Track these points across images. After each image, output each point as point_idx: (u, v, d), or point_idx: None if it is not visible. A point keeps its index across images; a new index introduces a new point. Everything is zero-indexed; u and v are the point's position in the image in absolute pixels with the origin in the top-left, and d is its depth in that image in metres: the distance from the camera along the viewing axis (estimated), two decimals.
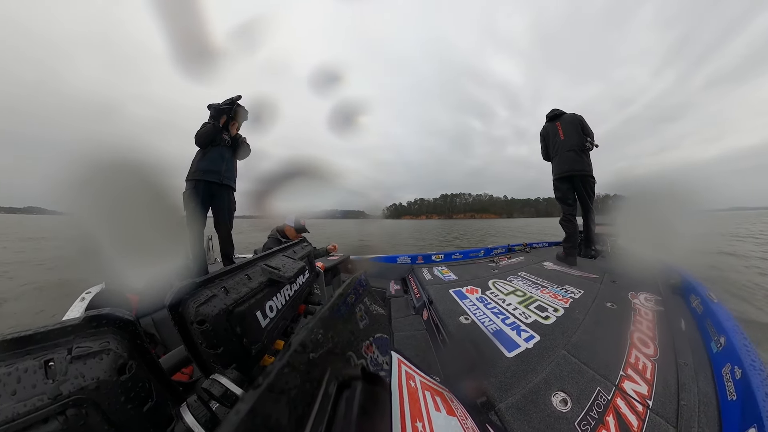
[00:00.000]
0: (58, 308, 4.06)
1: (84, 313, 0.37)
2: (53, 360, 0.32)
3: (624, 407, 0.98)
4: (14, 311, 4.65)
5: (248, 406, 0.27)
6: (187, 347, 0.49)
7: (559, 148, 3.27)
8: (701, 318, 1.53)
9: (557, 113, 3.41)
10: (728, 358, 1.11)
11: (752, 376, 0.94)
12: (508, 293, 2.14)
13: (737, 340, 1.15)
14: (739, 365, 1.02)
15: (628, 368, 1.16)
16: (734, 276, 5.54)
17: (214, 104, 2.51)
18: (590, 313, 1.70)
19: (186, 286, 0.48)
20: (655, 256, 0.92)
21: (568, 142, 3.22)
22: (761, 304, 4.01)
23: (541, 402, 1.01)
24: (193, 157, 2.45)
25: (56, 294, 5.06)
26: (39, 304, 4.77)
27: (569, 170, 3.17)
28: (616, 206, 0.89)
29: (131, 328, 0.39)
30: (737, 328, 1.25)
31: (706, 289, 1.70)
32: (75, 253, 0.38)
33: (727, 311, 1.41)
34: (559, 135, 3.28)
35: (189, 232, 2.11)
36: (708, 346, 1.32)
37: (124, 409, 0.34)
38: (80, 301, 1.65)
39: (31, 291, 5.65)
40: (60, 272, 6.47)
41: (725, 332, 1.24)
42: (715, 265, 6.32)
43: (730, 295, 4.30)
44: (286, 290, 0.74)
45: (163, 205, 0.46)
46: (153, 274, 0.49)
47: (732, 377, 1.03)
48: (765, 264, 7.05)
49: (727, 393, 1.00)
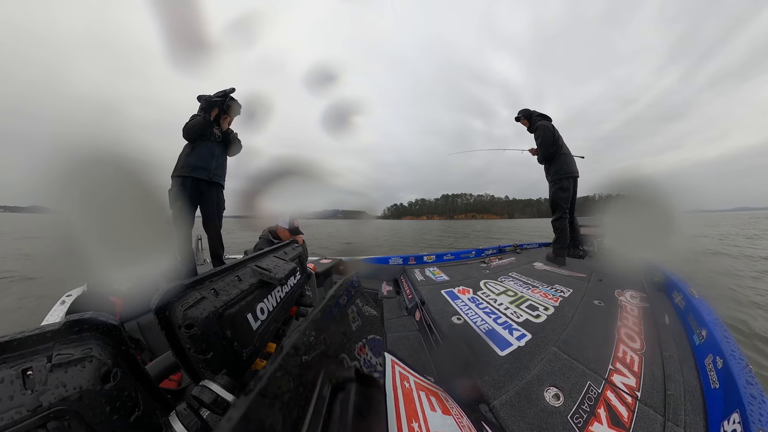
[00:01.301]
0: (36, 310, 3.88)
1: (64, 318, 0.35)
2: (32, 369, 0.30)
3: (614, 399, 1.00)
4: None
5: (240, 412, 0.26)
6: (175, 353, 0.47)
7: (565, 148, 3.32)
8: (684, 313, 1.59)
9: (548, 117, 3.49)
10: (710, 349, 1.16)
11: (733, 365, 0.98)
12: (500, 293, 2.17)
13: (718, 332, 1.21)
14: (721, 355, 1.07)
15: (617, 362, 1.20)
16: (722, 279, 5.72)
17: (204, 95, 2.37)
18: (579, 311, 1.74)
19: (173, 288, 0.47)
20: (641, 255, 0.94)
21: (566, 146, 3.32)
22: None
23: (534, 398, 1.03)
24: (180, 152, 2.30)
25: (35, 293, 4.84)
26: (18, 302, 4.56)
27: (576, 172, 3.27)
28: (606, 206, 0.91)
29: (115, 334, 0.37)
30: (718, 321, 1.30)
31: (688, 285, 1.76)
32: (56, 252, 0.36)
33: (708, 306, 1.47)
34: (560, 136, 3.36)
35: (176, 232, 2.03)
36: (691, 338, 1.37)
37: (109, 419, 0.33)
38: (60, 304, 1.57)
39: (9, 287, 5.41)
40: (39, 271, 6.20)
41: (706, 325, 1.29)
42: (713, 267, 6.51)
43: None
44: (277, 292, 0.73)
45: (150, 203, 0.44)
46: (138, 276, 0.47)
47: (714, 367, 1.07)
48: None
49: (710, 381, 1.04)
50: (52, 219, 0.36)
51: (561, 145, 3.32)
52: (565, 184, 3.24)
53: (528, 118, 3.58)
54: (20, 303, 4.54)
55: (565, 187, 3.24)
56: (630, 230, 0.88)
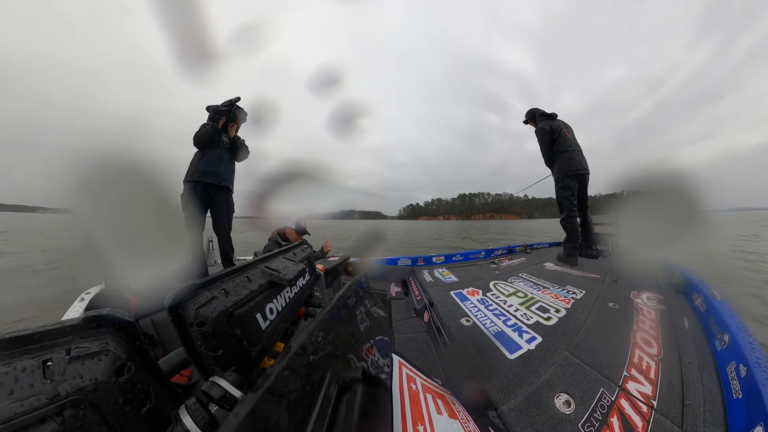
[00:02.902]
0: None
1: (83, 314, 0.36)
2: (51, 360, 0.32)
3: (628, 408, 0.97)
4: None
5: (247, 408, 0.27)
6: (187, 349, 0.49)
7: (568, 146, 3.24)
8: (704, 316, 1.52)
9: (552, 114, 3.41)
10: (733, 356, 1.10)
11: (758, 374, 0.93)
12: (510, 294, 2.13)
13: (742, 338, 1.14)
14: (744, 363, 1.01)
15: (632, 368, 1.15)
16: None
17: (212, 106, 2.52)
18: (592, 314, 1.69)
19: (186, 287, 0.48)
20: (660, 254, 0.90)
21: (573, 141, 3.23)
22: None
23: (543, 404, 1.00)
24: (192, 159, 2.46)
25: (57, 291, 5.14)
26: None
27: (581, 169, 3.17)
28: (622, 203, 0.86)
29: (130, 329, 0.38)
30: (741, 326, 1.24)
31: (709, 286, 1.68)
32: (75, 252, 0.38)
33: (730, 309, 1.40)
34: (564, 134, 3.27)
35: (188, 234, 2.11)
36: (712, 344, 1.31)
37: (122, 410, 0.34)
38: (79, 301, 1.65)
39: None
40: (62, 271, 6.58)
41: (729, 330, 1.23)
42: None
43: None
44: (286, 292, 0.74)
45: (164, 207, 0.46)
46: (153, 276, 0.49)
47: (737, 375, 1.02)
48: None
49: (733, 391, 0.99)
50: (73, 220, 0.37)
51: (562, 143, 3.25)
52: (566, 183, 3.20)
53: (533, 119, 3.52)
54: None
55: (567, 185, 3.19)
56: (649, 228, 0.83)
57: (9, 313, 4.30)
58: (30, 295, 5.16)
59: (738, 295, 4.14)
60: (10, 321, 4.02)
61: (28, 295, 5.18)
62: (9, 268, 7.80)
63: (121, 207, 0.40)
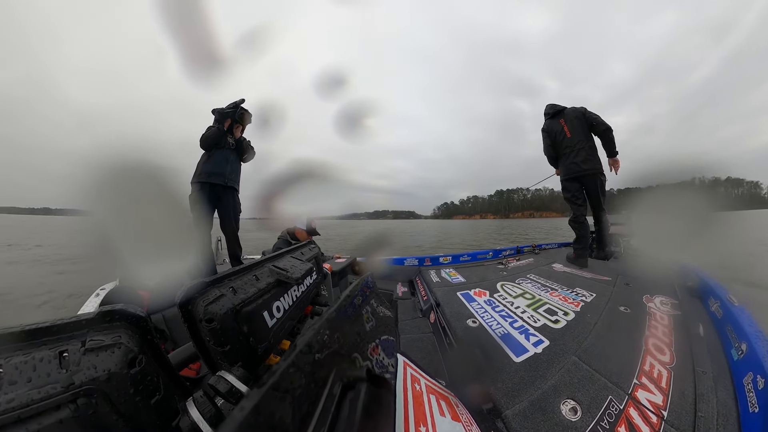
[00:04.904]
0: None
1: (98, 308, 0.38)
2: (67, 351, 0.33)
3: (637, 418, 0.94)
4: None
5: (252, 403, 0.28)
6: (196, 344, 0.50)
7: (566, 147, 3.13)
8: (721, 323, 1.46)
9: (558, 109, 3.23)
10: (750, 367, 1.06)
11: None
12: (517, 296, 2.11)
13: (760, 347, 1.10)
14: (762, 374, 0.97)
15: (642, 376, 1.12)
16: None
17: (218, 108, 2.58)
18: (602, 318, 1.65)
19: (196, 285, 0.50)
20: (675, 257, 0.84)
21: (575, 139, 3.06)
22: None
23: (549, 410, 0.99)
24: (198, 160, 2.52)
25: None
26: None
27: (578, 171, 3.06)
28: (637, 201, 0.80)
29: (142, 324, 0.40)
30: (761, 334, 1.18)
31: (726, 291, 1.62)
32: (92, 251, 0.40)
33: (749, 316, 1.35)
34: (565, 133, 3.13)
35: (197, 234, 2.17)
36: (728, 353, 1.27)
37: (132, 400, 0.35)
38: (95, 296, 1.71)
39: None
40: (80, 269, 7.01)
41: (747, 338, 1.18)
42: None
43: None
44: (293, 291, 0.75)
45: (175, 207, 0.47)
46: (164, 273, 0.50)
47: (754, 387, 0.98)
48: None
49: (749, 404, 0.95)
50: (89, 221, 0.39)
51: (562, 144, 3.14)
52: (565, 186, 3.20)
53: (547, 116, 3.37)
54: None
55: (566, 188, 3.18)
56: (665, 229, 0.79)
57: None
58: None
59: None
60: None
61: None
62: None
63: (134, 208, 0.42)
